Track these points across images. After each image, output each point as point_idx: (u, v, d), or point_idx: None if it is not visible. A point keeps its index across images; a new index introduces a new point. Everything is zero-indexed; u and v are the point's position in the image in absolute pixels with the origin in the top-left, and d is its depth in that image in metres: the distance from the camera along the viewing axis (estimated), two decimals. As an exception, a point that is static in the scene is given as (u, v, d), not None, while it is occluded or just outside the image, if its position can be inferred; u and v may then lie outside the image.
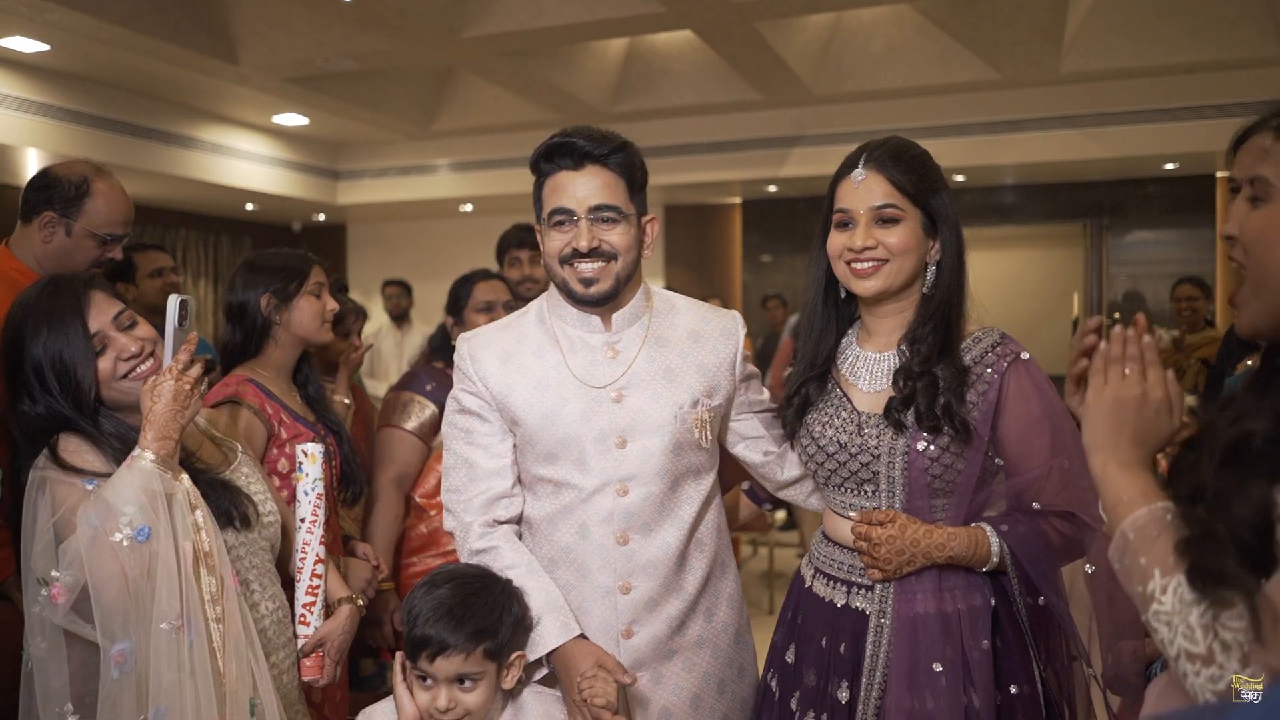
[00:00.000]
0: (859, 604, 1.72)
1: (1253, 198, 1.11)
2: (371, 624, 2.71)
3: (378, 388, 6.16)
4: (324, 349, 2.69)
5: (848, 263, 1.72)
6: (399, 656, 1.66)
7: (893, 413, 1.66)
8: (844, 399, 1.75)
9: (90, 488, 1.67)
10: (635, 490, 1.77)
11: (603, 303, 1.80)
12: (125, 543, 1.59)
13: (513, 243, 3.51)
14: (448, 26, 5.54)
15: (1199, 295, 5.25)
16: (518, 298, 3.08)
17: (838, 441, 1.72)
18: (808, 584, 1.83)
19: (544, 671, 1.73)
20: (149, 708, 1.59)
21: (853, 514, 1.73)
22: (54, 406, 1.76)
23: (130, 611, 1.60)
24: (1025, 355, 1.68)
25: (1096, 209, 8.21)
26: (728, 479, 2.02)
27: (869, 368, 1.76)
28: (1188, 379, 4.51)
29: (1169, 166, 7.42)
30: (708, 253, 9.44)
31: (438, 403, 2.81)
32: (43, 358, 1.75)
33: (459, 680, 1.60)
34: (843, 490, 1.75)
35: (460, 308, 2.94)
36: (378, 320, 8.07)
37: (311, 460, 1.94)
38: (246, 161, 8.18)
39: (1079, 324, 8.22)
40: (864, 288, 1.72)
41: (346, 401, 2.87)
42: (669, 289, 2.02)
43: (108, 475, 1.68)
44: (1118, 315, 7.95)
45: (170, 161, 7.41)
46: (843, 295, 1.80)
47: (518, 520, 1.85)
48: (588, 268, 1.76)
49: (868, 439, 1.69)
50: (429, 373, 2.92)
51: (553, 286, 1.85)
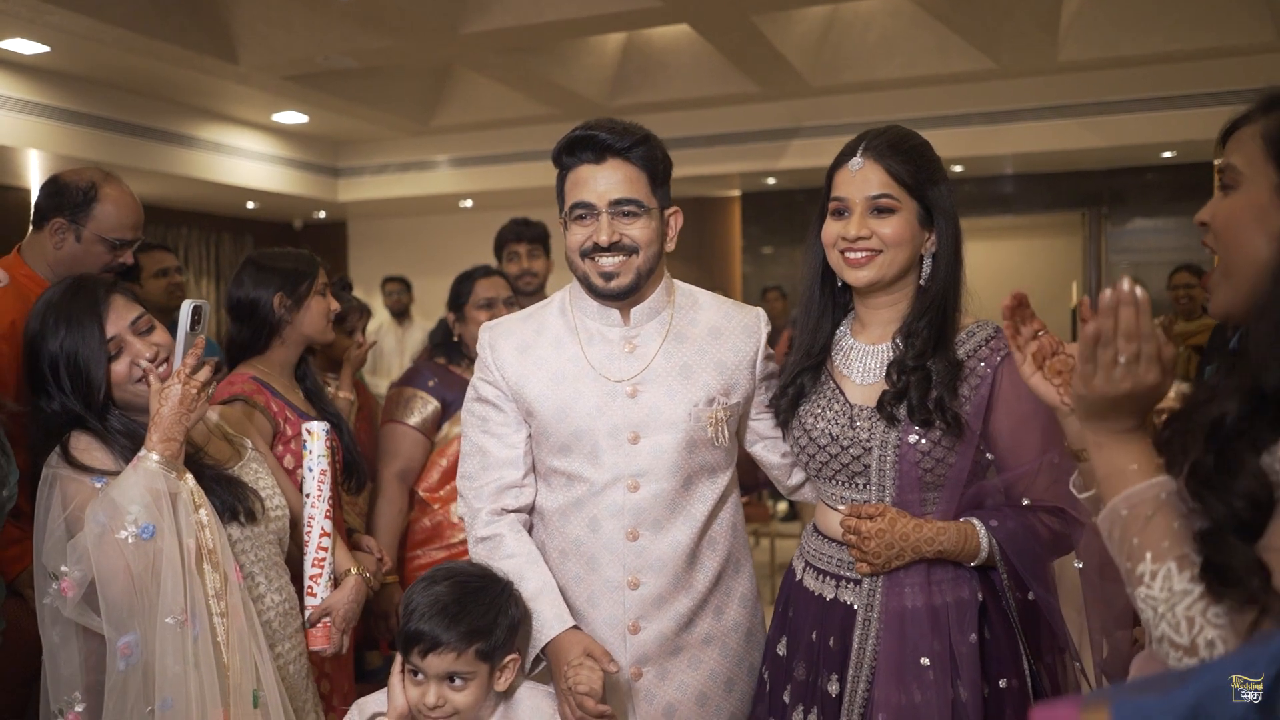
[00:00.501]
0: (847, 598, 1.71)
1: (1223, 186, 1.13)
2: (377, 617, 2.74)
3: (379, 385, 6.18)
4: (329, 346, 2.73)
5: (842, 252, 1.70)
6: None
7: (885, 406, 1.65)
8: (837, 391, 1.74)
9: (99, 485, 1.72)
10: (646, 486, 1.76)
11: (623, 297, 1.78)
12: (130, 540, 1.64)
13: (510, 237, 3.54)
14: (446, 23, 5.55)
15: (1195, 283, 5.26)
16: (517, 292, 3.11)
17: (829, 434, 1.71)
18: (798, 577, 1.82)
19: (542, 665, 1.73)
20: (155, 699, 1.63)
21: (842, 506, 1.72)
22: (67, 404, 1.80)
23: (135, 605, 1.64)
24: None
25: (1095, 198, 8.21)
26: (744, 480, 2.01)
27: (862, 360, 1.75)
28: (1179, 366, 4.53)
29: (1167, 155, 7.43)
30: (707, 246, 9.45)
31: (440, 398, 2.85)
32: (59, 355, 1.80)
33: (450, 678, 1.60)
34: (834, 482, 1.74)
35: (462, 304, 2.97)
36: (379, 317, 8.09)
37: (314, 438, 1.99)
38: (247, 160, 8.19)
39: (1078, 313, 8.25)
40: (857, 278, 1.70)
41: (351, 398, 2.90)
42: None
43: (116, 473, 1.72)
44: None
45: (171, 161, 7.43)
46: (839, 284, 1.78)
47: (527, 510, 1.86)
48: (608, 262, 1.75)
49: (859, 431, 1.68)
50: (431, 369, 2.95)
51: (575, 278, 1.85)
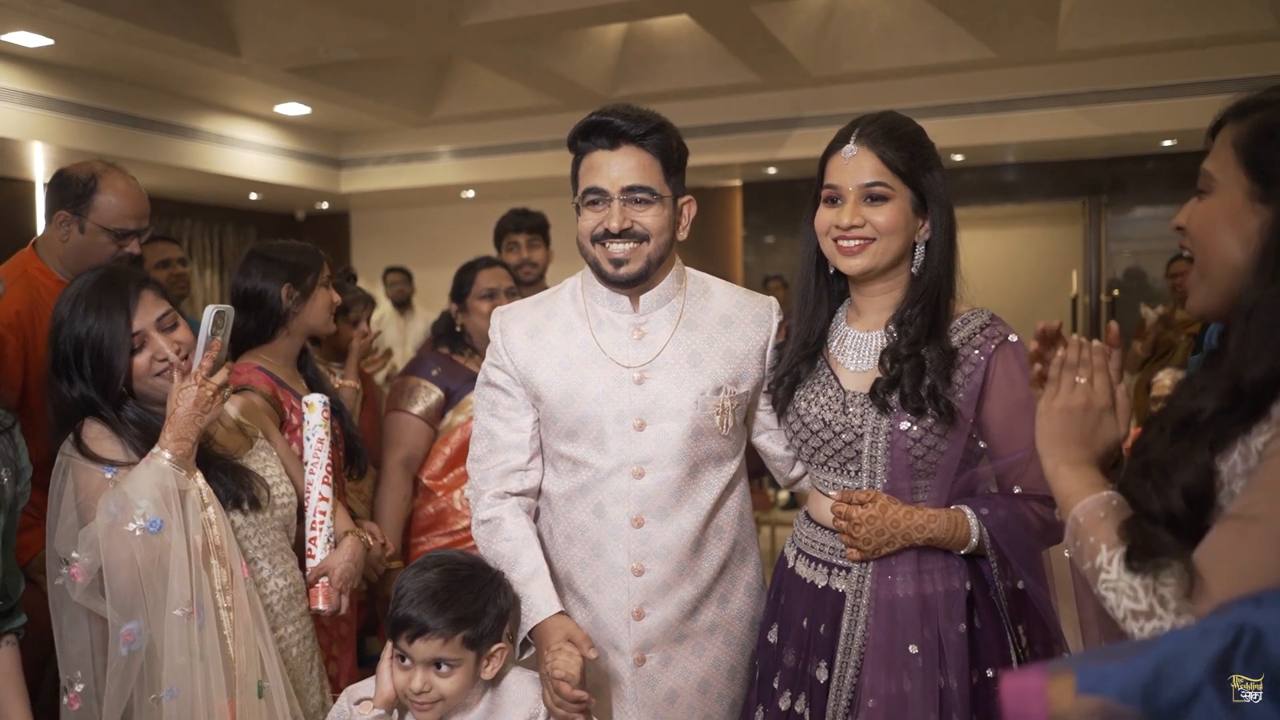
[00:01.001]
0: (839, 585, 1.71)
1: (1198, 190, 1.18)
2: (381, 602, 2.79)
3: (377, 375, 6.23)
4: (334, 336, 2.78)
5: (835, 240, 1.70)
6: None
7: (878, 393, 1.65)
8: (831, 377, 1.73)
9: (109, 475, 1.77)
10: (652, 473, 1.77)
11: (632, 284, 1.78)
12: (138, 532, 1.69)
13: (509, 227, 3.59)
14: (447, 15, 5.57)
15: (1193, 272, 5.28)
16: (518, 282, 3.15)
17: (822, 419, 1.71)
18: (790, 564, 1.82)
19: (531, 650, 1.74)
20: (161, 688, 1.69)
21: (834, 493, 1.72)
22: (85, 392, 1.83)
23: (139, 595, 1.70)
24: (1013, 338, 1.67)
25: (1095, 186, 8.21)
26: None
27: (856, 347, 1.74)
28: (1178, 355, 4.56)
29: (1167, 143, 7.44)
30: (709, 235, 9.47)
31: (444, 387, 2.89)
32: (84, 340, 1.83)
33: (436, 664, 1.61)
34: (826, 468, 1.74)
35: (464, 295, 3.01)
36: (381, 307, 8.13)
37: (313, 410, 2.06)
38: (250, 151, 8.22)
39: (1078, 301, 8.28)
40: (850, 266, 1.69)
41: (356, 387, 2.95)
42: None
43: (126, 464, 1.78)
44: (1116, 292, 8.00)
45: (174, 153, 7.46)
46: (833, 271, 1.77)
47: (532, 493, 1.86)
48: (619, 248, 1.75)
49: (852, 418, 1.68)
50: (435, 358, 2.99)
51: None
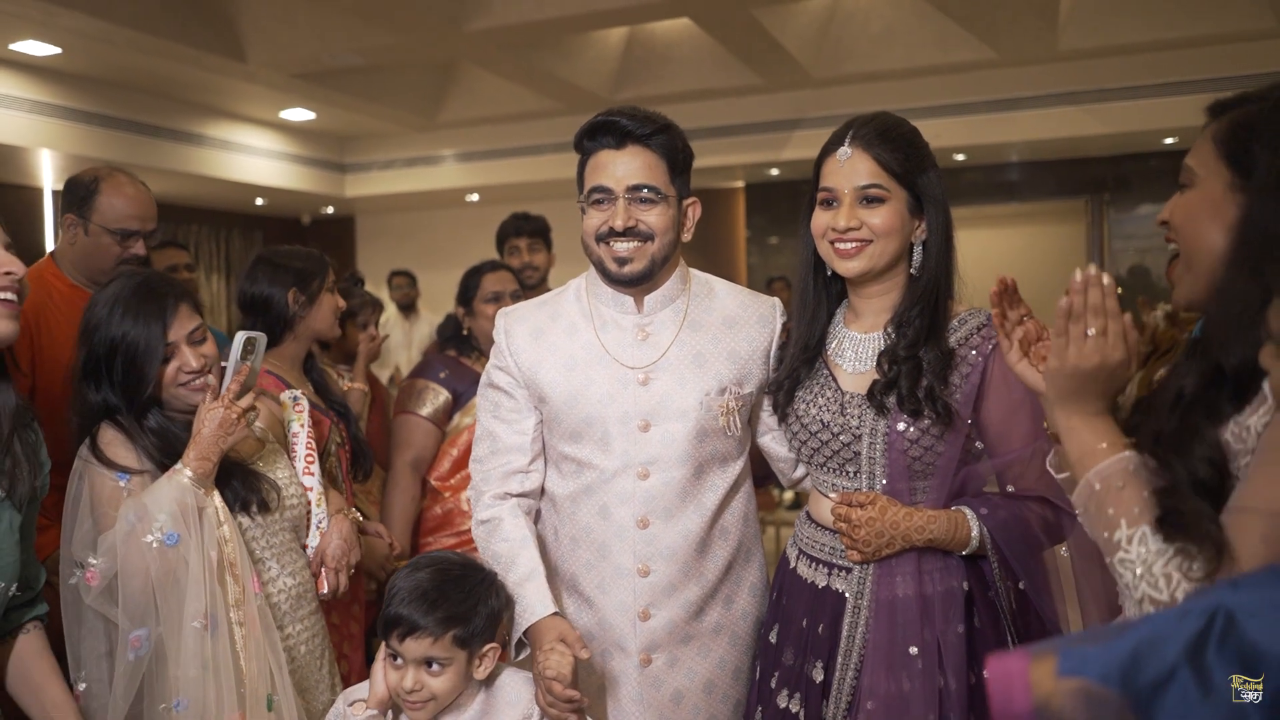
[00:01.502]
0: (839, 585, 1.70)
1: (1180, 185, 1.21)
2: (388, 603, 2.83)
3: (385, 376, 6.27)
4: (342, 340, 2.82)
5: (831, 242, 1.69)
6: None
7: (875, 395, 1.64)
8: (829, 378, 1.73)
9: (122, 483, 1.81)
10: (657, 474, 1.77)
11: (637, 283, 1.78)
12: (155, 545, 1.73)
13: (510, 232, 3.62)
14: (450, 20, 5.61)
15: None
16: (522, 286, 3.19)
17: (820, 420, 1.71)
18: (792, 565, 1.82)
19: (526, 651, 1.74)
20: (172, 698, 1.73)
21: (834, 495, 1.71)
22: (108, 398, 1.87)
23: (150, 604, 1.74)
24: None
25: (1098, 184, 8.23)
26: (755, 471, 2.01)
27: (854, 349, 1.74)
28: (1180, 351, 4.54)
29: (1168, 141, 7.45)
30: (712, 236, 9.50)
31: (451, 389, 2.93)
32: (118, 344, 1.86)
33: (427, 663, 1.62)
34: (825, 469, 1.73)
35: (470, 298, 3.05)
36: (385, 310, 8.17)
37: (286, 409, 2.18)
38: (256, 157, 8.27)
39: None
40: (847, 268, 1.69)
41: (364, 389, 2.99)
42: None
43: (139, 471, 1.82)
44: (1120, 290, 7.99)
45: (181, 159, 7.51)
46: (829, 274, 1.77)
47: (533, 495, 1.87)
48: (623, 247, 1.75)
49: (850, 419, 1.67)
50: (442, 361, 3.03)
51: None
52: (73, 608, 1.80)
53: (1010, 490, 1.65)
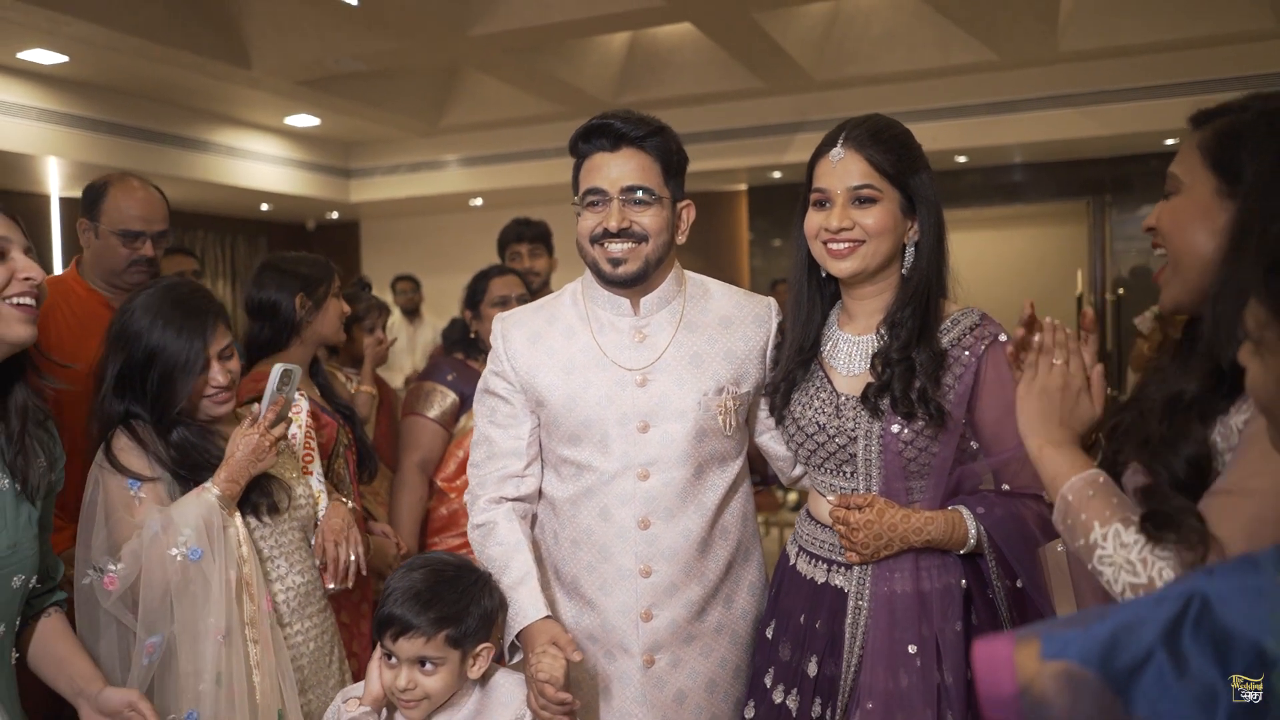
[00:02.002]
0: (838, 582, 1.71)
1: (1166, 193, 1.25)
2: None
3: (392, 379, 6.31)
4: (350, 344, 2.86)
5: (824, 243, 1.70)
6: None
7: (869, 398, 1.66)
8: (825, 380, 1.74)
9: (134, 489, 1.85)
10: (657, 475, 1.78)
11: (631, 284, 1.79)
12: (179, 558, 1.79)
13: (511, 238, 3.66)
14: (453, 25, 5.66)
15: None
16: (528, 290, 3.23)
17: (816, 423, 1.72)
18: (791, 561, 1.83)
19: (520, 655, 1.74)
20: (183, 709, 1.78)
21: (832, 497, 1.72)
22: (132, 407, 1.90)
23: (168, 614, 1.79)
24: (1003, 337, 1.66)
25: (1099, 186, 8.26)
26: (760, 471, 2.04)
27: (848, 351, 1.75)
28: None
29: (1169, 142, 7.47)
30: (715, 239, 9.54)
31: (458, 392, 2.97)
32: (157, 354, 1.89)
33: (421, 663, 1.64)
34: (823, 470, 1.75)
35: (478, 302, 3.09)
36: (391, 315, 8.21)
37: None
38: (261, 163, 8.33)
39: (1083, 301, 8.31)
40: (840, 269, 1.70)
41: (372, 392, 3.03)
42: None
43: (151, 479, 1.86)
44: (1121, 291, 8.03)
45: (187, 165, 7.56)
46: (824, 274, 1.78)
47: (528, 499, 1.88)
48: (617, 248, 1.76)
49: (845, 421, 1.68)
50: (450, 364, 3.07)
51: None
52: (85, 608, 1.84)
53: (1005, 488, 1.67)
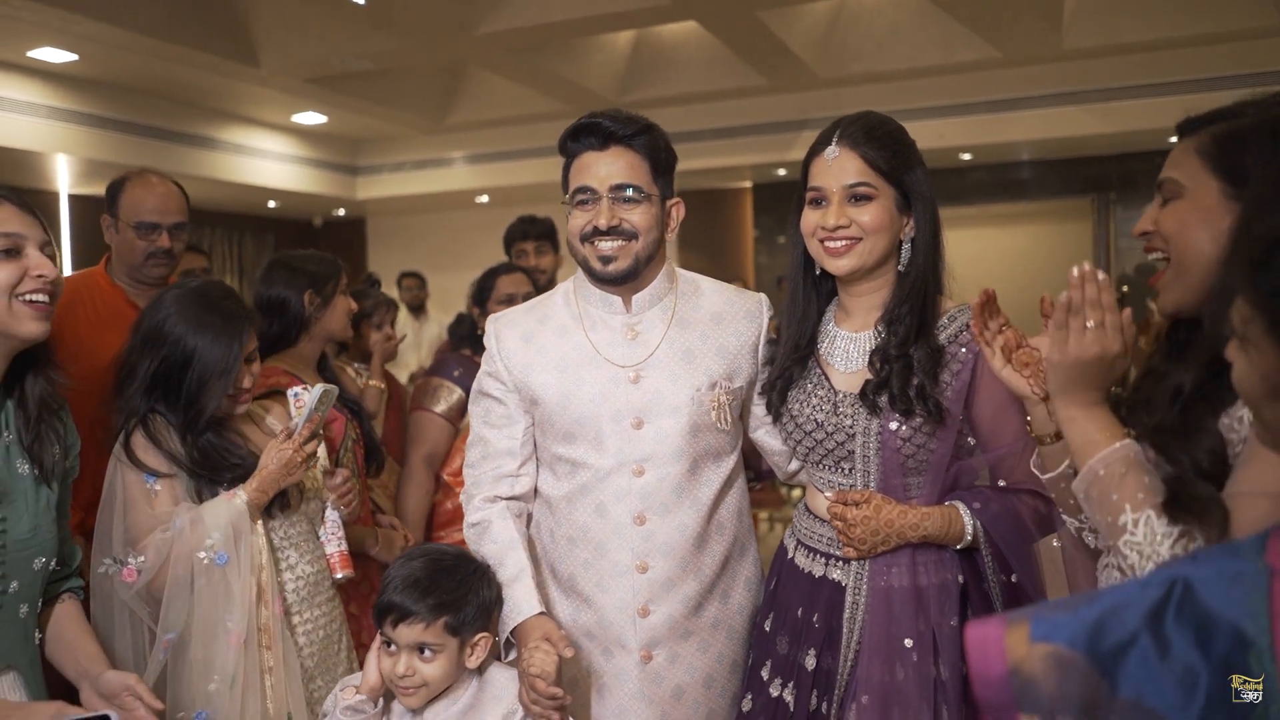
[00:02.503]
0: (836, 576, 1.72)
1: (1165, 198, 1.27)
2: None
3: (398, 375, 6.34)
4: (359, 339, 2.90)
5: (821, 241, 1.70)
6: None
7: (868, 395, 1.66)
8: (822, 377, 1.74)
9: (149, 483, 1.90)
10: (652, 471, 1.78)
11: (621, 281, 1.80)
12: (206, 561, 1.85)
13: (517, 235, 3.69)
14: (459, 24, 5.69)
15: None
16: (535, 288, 3.26)
17: (814, 420, 1.72)
18: (790, 555, 1.83)
19: (515, 652, 1.75)
20: (192, 709, 1.82)
21: (829, 493, 1.73)
22: (157, 406, 1.94)
23: (185, 614, 1.84)
24: None
25: (1104, 183, 8.28)
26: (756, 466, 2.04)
27: (845, 348, 1.75)
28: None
29: (1173, 140, 7.46)
30: (720, 236, 9.57)
31: (465, 387, 2.99)
32: (195, 357, 1.94)
33: (420, 650, 1.65)
34: (821, 467, 1.75)
35: (485, 299, 3.12)
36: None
37: (288, 404, 2.18)
38: (268, 160, 8.38)
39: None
40: (837, 266, 1.69)
41: (381, 387, 3.07)
42: None
43: (167, 475, 1.91)
44: (1126, 288, 8.04)
45: (195, 163, 7.61)
46: (819, 272, 1.78)
47: (523, 498, 1.89)
48: (607, 246, 1.76)
49: (843, 418, 1.69)
50: (456, 360, 3.10)
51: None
52: (101, 595, 1.89)
53: (1002, 484, 1.68)
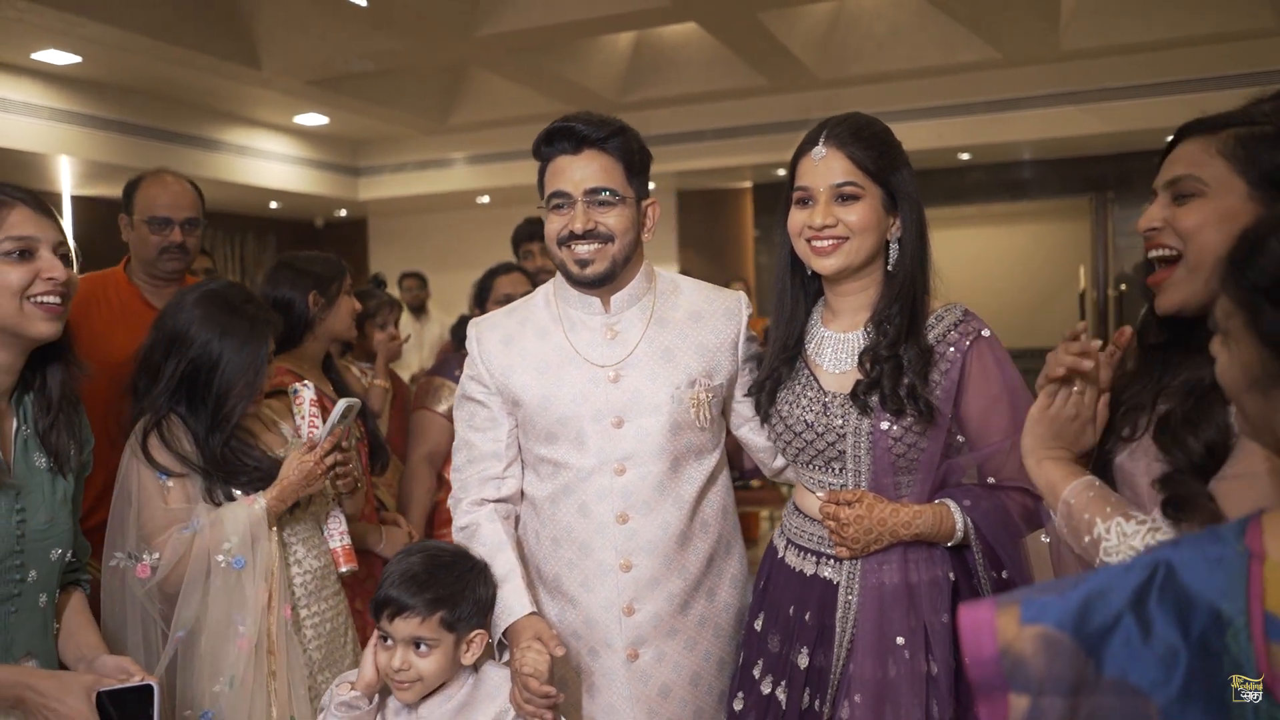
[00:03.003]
0: (827, 574, 1.73)
1: (1182, 194, 1.30)
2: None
3: (400, 375, 6.37)
4: (364, 339, 2.93)
5: (808, 240, 1.70)
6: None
7: (859, 395, 1.67)
8: (811, 378, 1.75)
9: (162, 480, 1.94)
10: (633, 470, 1.79)
11: (599, 284, 1.80)
12: (224, 564, 1.89)
13: (524, 236, 3.73)
14: (460, 26, 5.72)
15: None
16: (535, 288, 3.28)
17: (804, 420, 1.72)
18: (780, 554, 1.84)
19: (508, 655, 1.75)
20: (199, 708, 1.86)
21: (820, 493, 1.73)
22: (178, 409, 1.98)
23: (201, 616, 1.88)
24: (986, 332, 1.69)
25: (1102, 183, 8.30)
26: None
27: (834, 349, 1.76)
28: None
29: (1171, 139, 7.51)
30: (720, 236, 9.60)
31: (465, 387, 3.03)
32: (223, 361, 1.98)
33: (416, 644, 1.67)
34: (811, 467, 1.75)
35: (484, 300, 3.15)
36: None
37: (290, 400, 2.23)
38: (270, 161, 8.40)
39: (1085, 296, 8.35)
40: (824, 266, 1.70)
41: (386, 386, 3.10)
42: (683, 273, 2.06)
43: (179, 474, 1.94)
44: (1124, 287, 8.08)
45: (197, 164, 7.62)
46: (808, 273, 1.78)
47: (510, 499, 1.90)
48: (584, 249, 1.77)
49: (833, 419, 1.69)
50: (458, 360, 3.10)
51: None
52: (112, 589, 1.93)
53: (991, 482, 1.70)
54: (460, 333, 3.25)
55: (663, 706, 1.81)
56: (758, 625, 1.83)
